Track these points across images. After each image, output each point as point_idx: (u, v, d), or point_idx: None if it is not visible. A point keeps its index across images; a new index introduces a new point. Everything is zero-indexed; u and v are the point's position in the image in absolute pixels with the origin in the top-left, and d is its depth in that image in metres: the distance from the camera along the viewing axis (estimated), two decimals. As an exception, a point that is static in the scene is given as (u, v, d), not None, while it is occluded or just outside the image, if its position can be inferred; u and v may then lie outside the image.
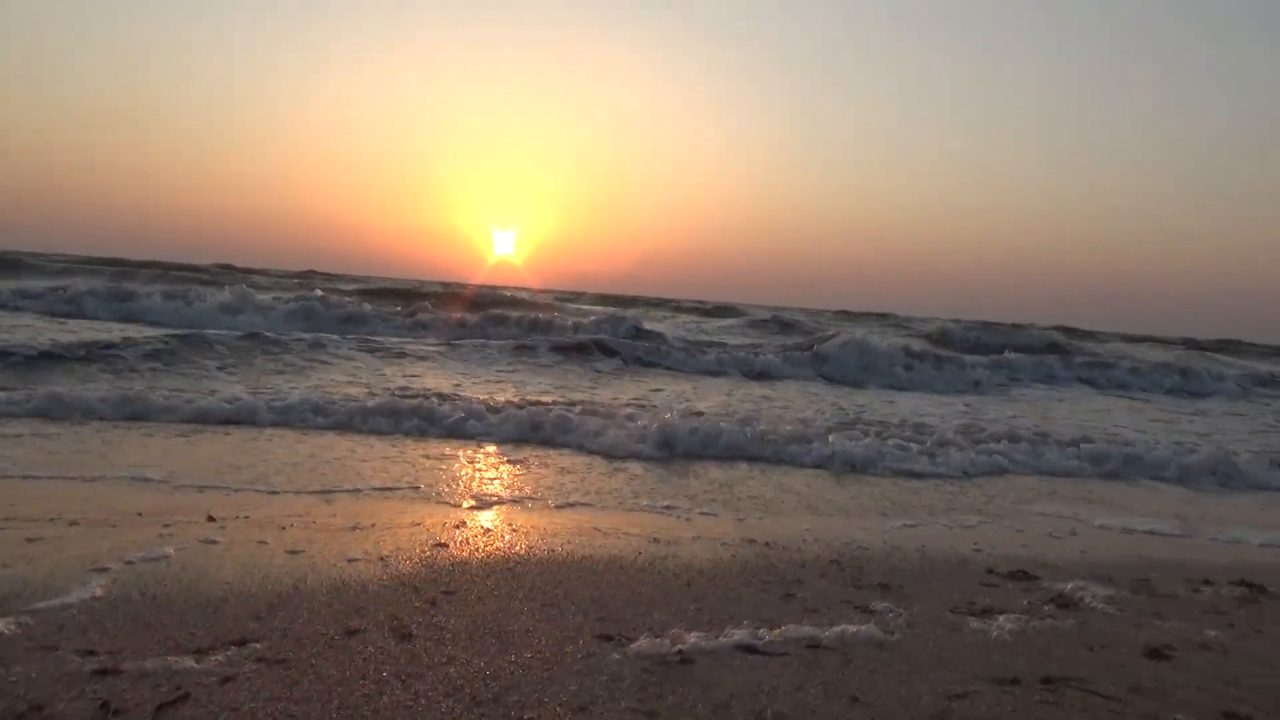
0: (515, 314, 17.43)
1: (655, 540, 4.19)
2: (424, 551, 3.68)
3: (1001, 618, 3.16)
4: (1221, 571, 4.31)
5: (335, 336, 12.18)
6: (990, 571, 3.95)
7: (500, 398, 8.54)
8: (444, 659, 2.53)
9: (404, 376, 9.91)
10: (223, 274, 27.08)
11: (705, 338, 18.80)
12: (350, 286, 24.79)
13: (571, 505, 4.86)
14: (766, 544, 4.24)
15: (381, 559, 3.52)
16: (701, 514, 4.87)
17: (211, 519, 3.96)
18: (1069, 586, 3.70)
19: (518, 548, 3.85)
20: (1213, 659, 2.85)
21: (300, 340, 11.16)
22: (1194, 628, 3.21)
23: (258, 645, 2.56)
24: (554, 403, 8.29)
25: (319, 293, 18.14)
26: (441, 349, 12.67)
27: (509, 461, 6.00)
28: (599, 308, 24.85)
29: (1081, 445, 7.81)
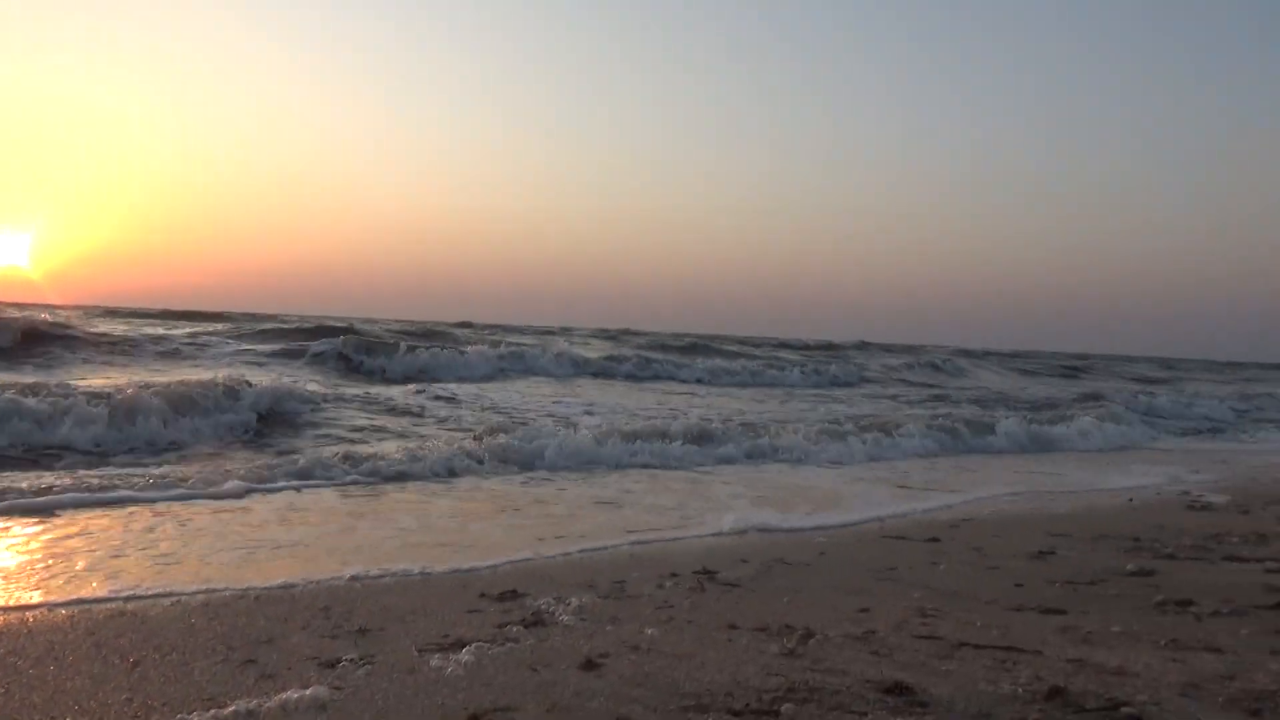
0: None
1: (121, 613, 3.67)
2: None
3: (464, 650, 3.17)
4: (693, 560, 4.83)
5: None
6: (483, 595, 4.01)
7: None
8: None
9: None
10: None
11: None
12: None
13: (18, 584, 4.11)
14: (256, 597, 3.92)
15: None
16: (200, 561, 4.41)
17: None
18: (546, 601, 3.88)
19: (-85, 654, 3.13)
20: (637, 661, 3.10)
21: None
22: (637, 628, 3.49)
23: None
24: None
25: None
26: None
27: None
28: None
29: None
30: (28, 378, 10.80)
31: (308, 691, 2.76)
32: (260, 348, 19.26)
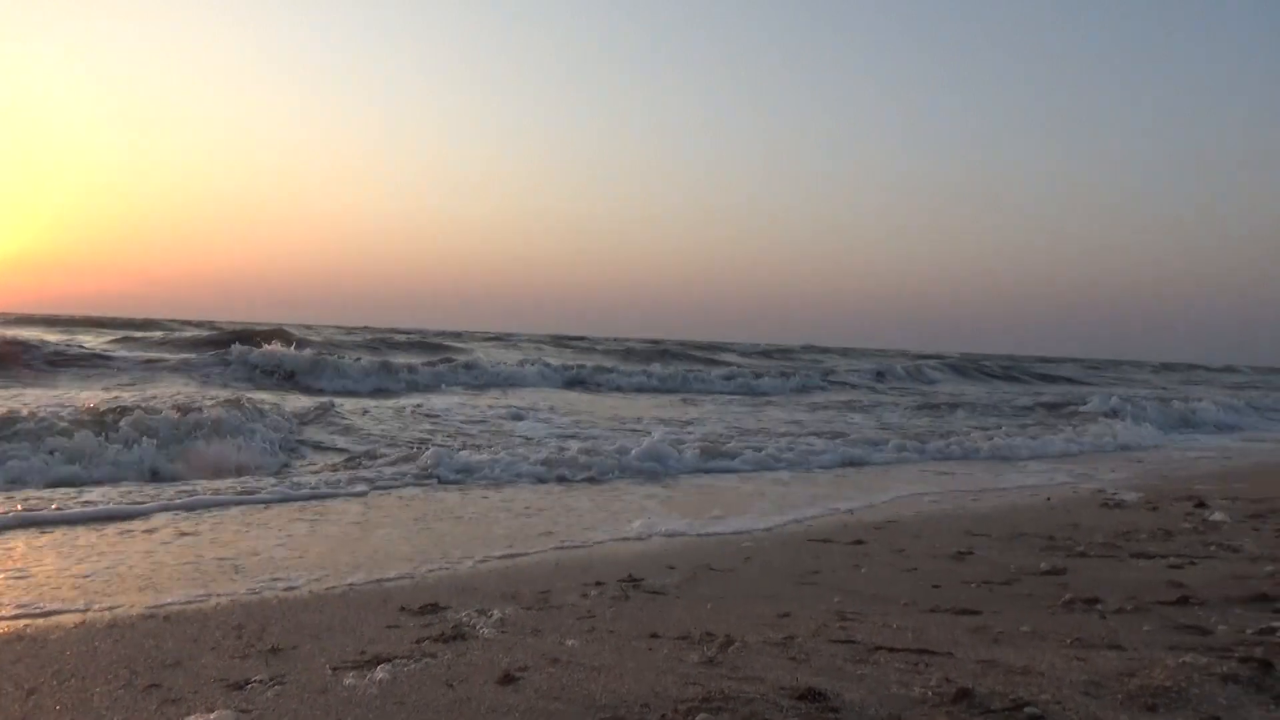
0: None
1: (20, 637, 3.51)
2: None
3: (380, 668, 3.11)
4: (620, 568, 4.82)
5: None
6: (403, 609, 3.94)
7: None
8: None
9: None
10: None
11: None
12: None
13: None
14: (166, 618, 3.78)
15: None
16: (101, 580, 4.24)
17: None
18: (467, 614, 3.82)
19: None
20: (555, 674, 3.07)
21: None
22: (558, 640, 3.46)
23: None
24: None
25: None
26: None
27: None
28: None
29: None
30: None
31: (212, 715, 2.67)
32: (183, 356, 18.71)
